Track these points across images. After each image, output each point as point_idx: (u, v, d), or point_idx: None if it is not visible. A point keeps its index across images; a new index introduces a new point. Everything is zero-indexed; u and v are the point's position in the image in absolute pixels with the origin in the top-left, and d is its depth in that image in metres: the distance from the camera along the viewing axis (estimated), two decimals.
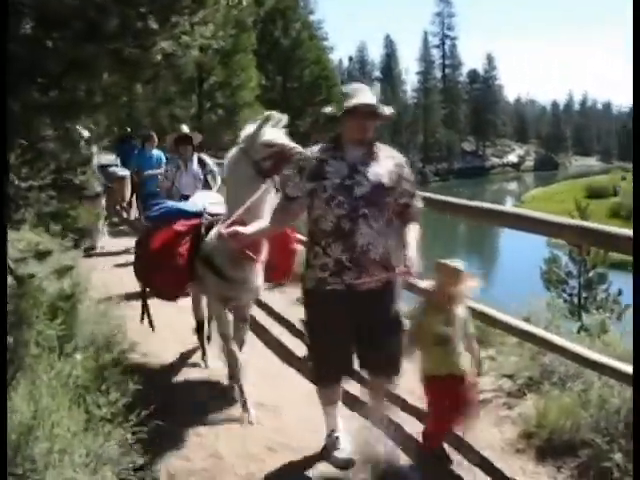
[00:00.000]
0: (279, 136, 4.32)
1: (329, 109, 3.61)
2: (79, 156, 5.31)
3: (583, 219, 12.67)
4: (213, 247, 4.53)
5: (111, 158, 14.66)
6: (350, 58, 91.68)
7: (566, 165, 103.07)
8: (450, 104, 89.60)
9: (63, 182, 5.05)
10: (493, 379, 4.98)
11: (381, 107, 3.52)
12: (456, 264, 3.71)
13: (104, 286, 6.59)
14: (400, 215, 3.64)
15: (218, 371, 5.35)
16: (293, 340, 6.03)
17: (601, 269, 14.08)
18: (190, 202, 5.69)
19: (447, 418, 3.83)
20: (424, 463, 3.86)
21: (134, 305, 6.43)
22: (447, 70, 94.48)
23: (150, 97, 20.10)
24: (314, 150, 3.62)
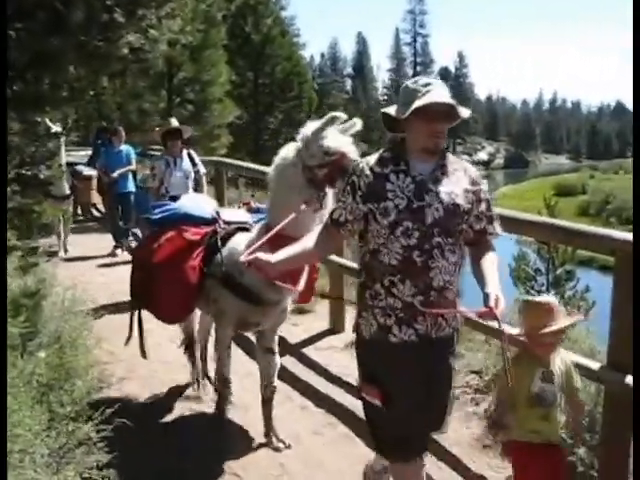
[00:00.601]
0: (343, 143, 3.60)
1: (391, 109, 2.82)
2: (44, 150, 5.23)
3: (552, 217, 12.77)
4: (237, 263, 3.65)
5: (80, 154, 14.45)
6: (322, 55, 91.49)
7: (536, 163, 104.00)
8: None
9: (27, 177, 4.97)
10: (461, 375, 5.00)
11: (459, 107, 2.78)
12: (548, 300, 3.09)
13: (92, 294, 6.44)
14: (474, 244, 2.92)
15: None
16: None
17: (569, 266, 14.21)
18: (194, 204, 4.81)
19: None
20: None
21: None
22: (419, 68, 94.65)
23: (118, 92, 19.91)
24: (370, 162, 2.83)
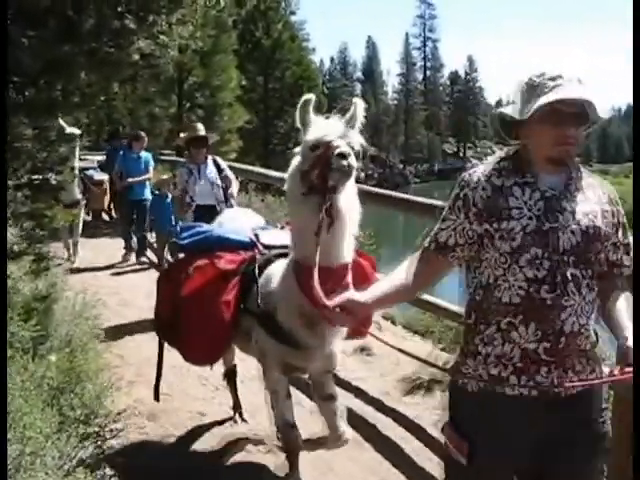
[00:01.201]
0: (327, 131, 2.98)
1: (508, 109, 2.29)
2: (56, 155, 5.27)
3: None
4: (276, 299, 3.30)
5: (94, 159, 14.46)
6: (332, 59, 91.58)
7: None
8: (431, 106, 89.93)
9: (39, 182, 5.02)
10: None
11: (595, 105, 2.18)
12: None
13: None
14: (603, 278, 2.27)
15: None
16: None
17: None
18: (231, 224, 4.27)
19: None
20: None
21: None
22: (428, 72, 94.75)
23: (129, 97, 20.04)
24: (484, 171, 2.30)
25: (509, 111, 2.28)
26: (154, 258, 10.21)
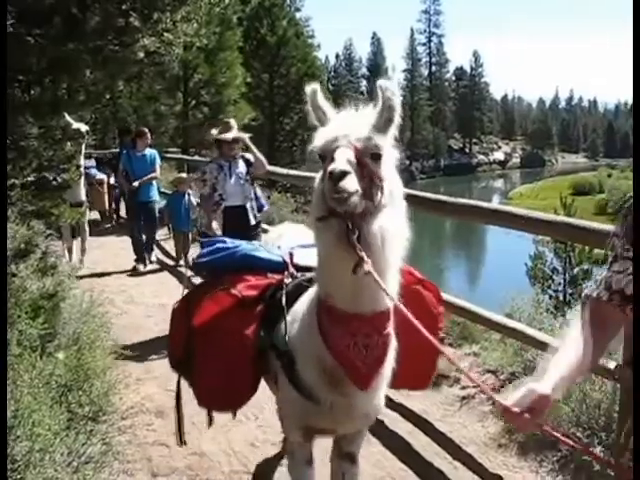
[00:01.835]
0: (345, 129, 2.22)
1: None
2: (62, 153, 5.29)
3: (568, 215, 12.73)
4: (295, 343, 2.57)
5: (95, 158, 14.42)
6: (337, 55, 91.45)
7: (552, 162, 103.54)
8: (437, 101, 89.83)
9: (45, 180, 5.03)
10: (477, 375, 5.00)
11: None
12: None
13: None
14: None
15: None
16: None
17: (586, 265, 14.17)
18: (265, 237, 3.74)
19: None
20: None
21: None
22: (434, 68, 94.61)
23: (134, 95, 20.06)
24: None
25: None
26: (164, 259, 10.16)
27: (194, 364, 2.92)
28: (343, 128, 2.22)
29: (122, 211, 13.52)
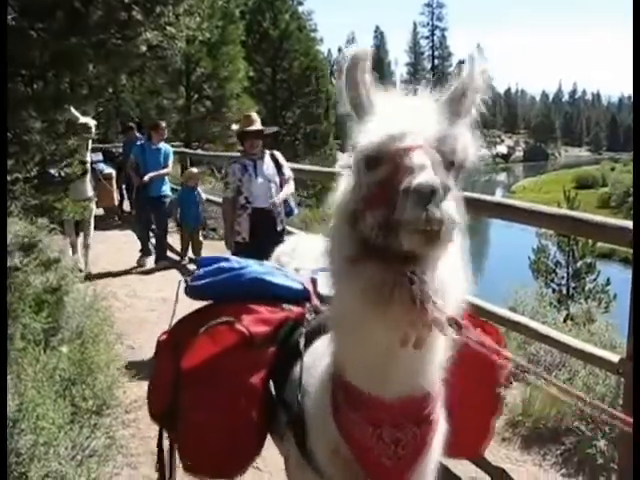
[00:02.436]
0: (416, 122, 1.49)
1: None
2: (65, 147, 5.29)
3: (571, 209, 12.71)
4: (307, 413, 1.95)
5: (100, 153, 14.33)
6: (339, 49, 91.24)
7: (556, 155, 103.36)
8: None
9: (48, 175, 5.04)
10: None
11: None
12: None
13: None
14: None
15: None
16: None
17: (589, 259, 14.17)
18: (283, 257, 2.97)
19: None
20: None
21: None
22: (436, 61, 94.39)
23: (137, 89, 20.04)
24: None
25: None
26: (172, 257, 10.15)
27: (182, 417, 2.24)
28: (406, 118, 1.49)
29: (125, 206, 13.51)
